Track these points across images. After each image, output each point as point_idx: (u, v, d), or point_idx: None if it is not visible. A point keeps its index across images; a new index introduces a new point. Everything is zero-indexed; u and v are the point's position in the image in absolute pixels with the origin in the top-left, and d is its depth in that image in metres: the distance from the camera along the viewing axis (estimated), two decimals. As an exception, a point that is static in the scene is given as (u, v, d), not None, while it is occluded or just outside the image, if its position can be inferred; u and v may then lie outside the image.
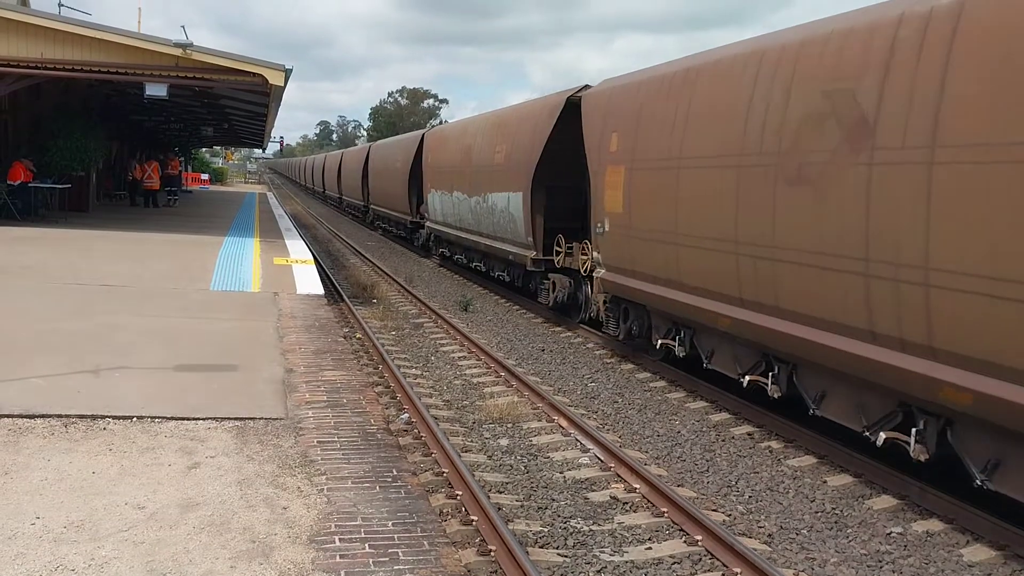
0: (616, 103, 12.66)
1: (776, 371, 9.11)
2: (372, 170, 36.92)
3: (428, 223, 25.46)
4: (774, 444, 9.17)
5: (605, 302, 13.28)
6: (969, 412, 6.54)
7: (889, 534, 6.99)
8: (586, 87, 14.61)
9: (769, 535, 6.92)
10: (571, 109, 14.52)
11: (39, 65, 18.78)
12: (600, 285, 13.23)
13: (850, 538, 6.90)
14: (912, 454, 7.24)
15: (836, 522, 7.21)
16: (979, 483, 6.63)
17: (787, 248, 8.37)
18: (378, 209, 36.33)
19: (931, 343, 6.73)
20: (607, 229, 12.68)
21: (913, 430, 7.22)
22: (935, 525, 7.12)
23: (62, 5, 33.08)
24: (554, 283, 15.80)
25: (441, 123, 46.01)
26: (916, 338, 6.85)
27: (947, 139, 6.53)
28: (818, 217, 7.94)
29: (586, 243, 14.30)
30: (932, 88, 6.67)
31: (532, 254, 16.33)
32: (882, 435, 7.42)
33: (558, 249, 15.74)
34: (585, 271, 14.54)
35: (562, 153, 15.08)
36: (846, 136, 7.60)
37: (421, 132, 29.45)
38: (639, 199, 11.60)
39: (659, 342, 11.55)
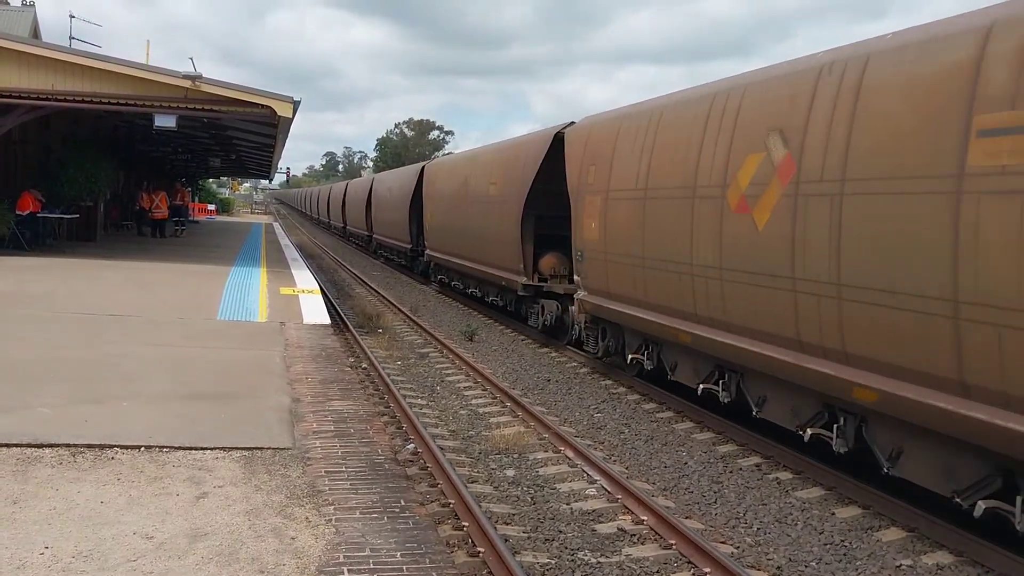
0: (594, 138, 13.81)
1: (726, 379, 10.19)
2: (375, 200, 37.86)
3: (428, 251, 26.33)
4: (782, 475, 9.13)
5: (585, 322, 14.27)
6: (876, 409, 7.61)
7: (899, 566, 6.94)
8: (571, 124, 15.63)
9: (778, 567, 6.88)
10: (559, 144, 15.56)
11: (49, 96, 18.98)
12: (580, 306, 14.19)
13: (859, 570, 6.86)
14: (834, 447, 8.30)
15: (845, 554, 7.17)
16: (885, 470, 7.70)
17: (733, 269, 9.49)
18: (381, 238, 37.12)
19: (844, 349, 7.81)
20: (586, 255, 13.79)
21: (835, 427, 8.31)
22: (945, 557, 7.08)
23: (73, 38, 33.49)
24: (543, 307, 16.84)
25: (446, 154, 46.55)
26: (833, 344, 7.92)
27: (854, 173, 7.64)
28: (752, 243, 9.09)
29: (569, 268, 15.41)
30: (843, 134, 7.79)
31: (523, 280, 17.25)
32: (808, 432, 8.64)
33: (553, 275, 16.95)
34: (569, 294, 15.56)
35: (551, 185, 15.94)
36: (775, 171, 8.74)
37: (421, 164, 30.33)
38: (613, 227, 12.70)
39: (630, 357, 12.63)
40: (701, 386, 10.57)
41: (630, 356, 12.66)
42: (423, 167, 28.54)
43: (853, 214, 7.60)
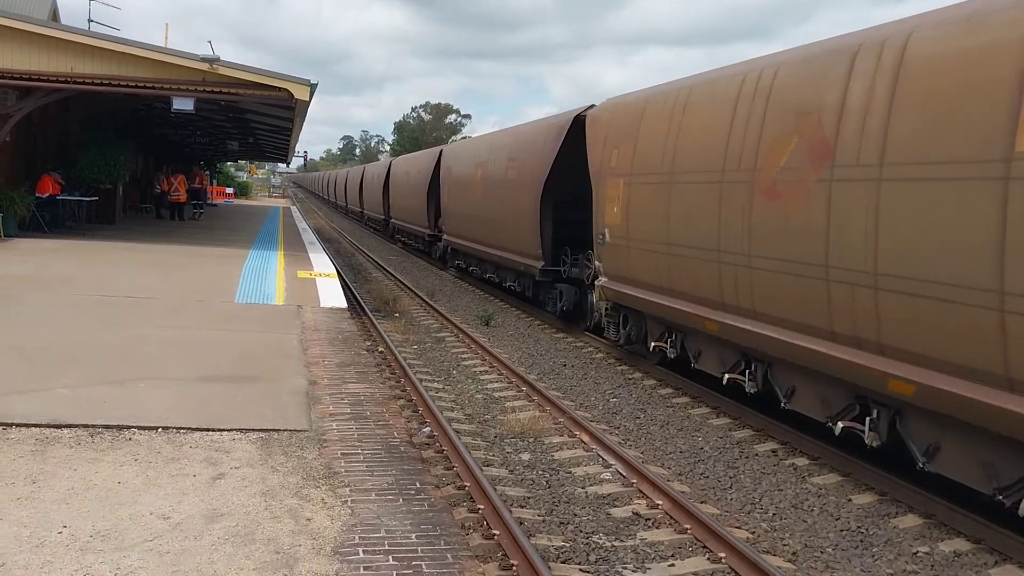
0: (618, 120, 13.36)
1: (753, 369, 9.97)
2: (393, 185, 37.65)
3: (445, 236, 26.19)
4: (798, 461, 9.10)
5: (606, 309, 13.91)
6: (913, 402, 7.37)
7: (915, 553, 6.91)
8: (591, 107, 15.20)
9: (794, 553, 6.87)
10: (578, 127, 15.28)
11: (68, 79, 19.03)
12: (601, 293, 13.86)
13: (876, 557, 6.83)
14: (866, 440, 8.09)
15: (861, 541, 7.14)
16: (921, 466, 7.48)
17: (763, 256, 9.24)
18: (398, 223, 36.91)
19: (880, 339, 7.59)
20: (608, 240, 13.37)
21: (867, 419, 8.07)
22: (962, 544, 7.04)
23: (92, 21, 33.59)
24: (561, 292, 16.62)
25: (462, 139, 46.37)
26: (868, 335, 7.68)
27: (894, 158, 7.33)
28: (784, 229, 8.89)
29: (589, 253, 14.87)
30: (881, 116, 7.48)
31: (540, 265, 17.05)
32: (840, 424, 8.42)
33: (565, 259, 16.52)
34: (588, 280, 15.12)
35: (569, 169, 15.58)
36: (809, 154, 8.46)
37: (439, 148, 30.06)
38: (636, 211, 12.32)
39: (652, 345, 12.45)
40: (727, 375, 10.37)
41: (652, 344, 12.45)
42: (441, 151, 28.34)
43: (892, 200, 7.32)
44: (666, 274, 11.43)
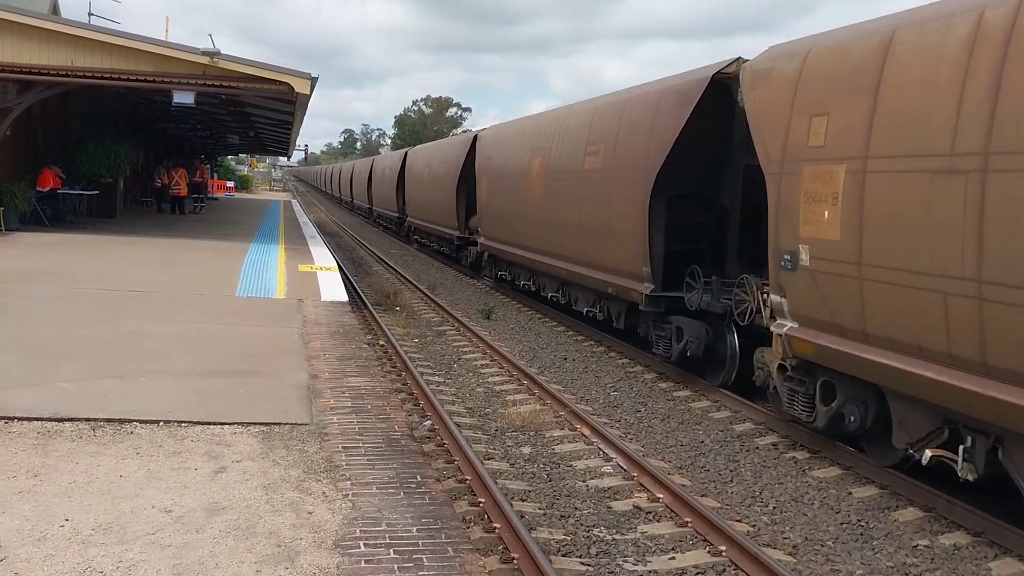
0: (821, 72, 8.61)
1: None
2: (410, 178, 33.38)
3: (482, 240, 22.07)
4: (799, 455, 9.11)
5: (788, 369, 9.22)
6: None
7: (916, 547, 6.92)
8: (737, 59, 10.70)
9: (794, 546, 6.88)
10: (714, 92, 11.07)
11: (68, 73, 19.02)
12: (786, 346, 9.01)
13: (876, 550, 6.85)
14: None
15: (862, 534, 7.16)
16: None
17: None
18: (416, 222, 32.33)
19: None
20: (805, 264, 8.62)
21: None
22: (963, 538, 7.05)
23: (92, 15, 33.54)
24: (679, 329, 11.73)
25: (464, 132, 44.52)
26: None
27: None
28: None
29: (746, 278, 10.35)
30: None
31: (647, 288, 12.13)
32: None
33: (691, 282, 11.55)
34: (739, 317, 10.40)
35: (685, 152, 11.54)
36: None
37: (472, 133, 25.69)
38: (879, 219, 7.57)
39: (915, 449, 7.52)
40: None
41: (908, 445, 7.65)
42: (475, 136, 23.93)
43: None
44: (965, 334, 6.64)
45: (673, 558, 6.49)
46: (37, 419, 7.08)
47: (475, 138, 23.79)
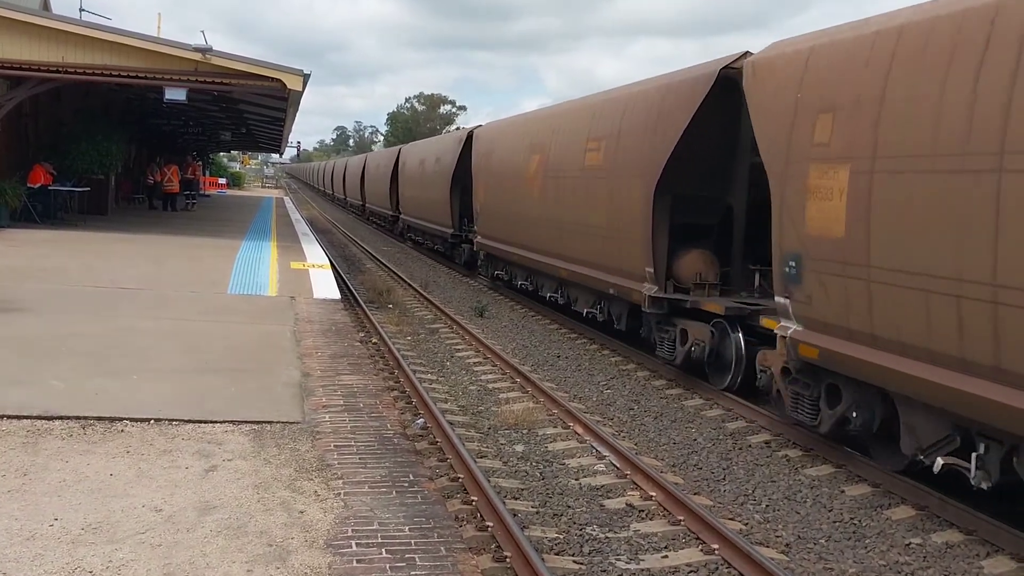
0: (827, 68, 8.37)
1: None
2: (403, 175, 32.94)
3: (479, 239, 21.66)
4: (791, 453, 9.11)
5: (791, 372, 9.03)
6: None
7: (908, 545, 6.92)
8: (746, 54, 10.35)
9: (787, 544, 6.88)
10: (718, 89, 10.77)
11: (60, 69, 18.95)
12: (790, 349, 8.83)
13: (868, 548, 6.85)
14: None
15: (854, 532, 7.16)
16: None
17: None
18: (410, 220, 31.92)
19: None
20: (812, 266, 8.42)
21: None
22: (955, 536, 7.06)
23: (83, 10, 33.40)
24: (684, 332, 11.58)
25: (457, 129, 44.11)
26: None
27: None
28: None
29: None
30: None
31: (651, 290, 11.86)
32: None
33: (698, 282, 11.59)
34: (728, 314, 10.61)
35: (691, 149, 11.28)
36: None
37: (467, 130, 25.17)
38: (887, 218, 7.42)
39: (925, 456, 7.36)
40: None
41: (919, 452, 7.46)
42: (470, 133, 23.57)
43: None
44: (978, 337, 6.47)
45: (666, 556, 6.48)
46: (27, 417, 7.04)
47: (470, 135, 23.49)
